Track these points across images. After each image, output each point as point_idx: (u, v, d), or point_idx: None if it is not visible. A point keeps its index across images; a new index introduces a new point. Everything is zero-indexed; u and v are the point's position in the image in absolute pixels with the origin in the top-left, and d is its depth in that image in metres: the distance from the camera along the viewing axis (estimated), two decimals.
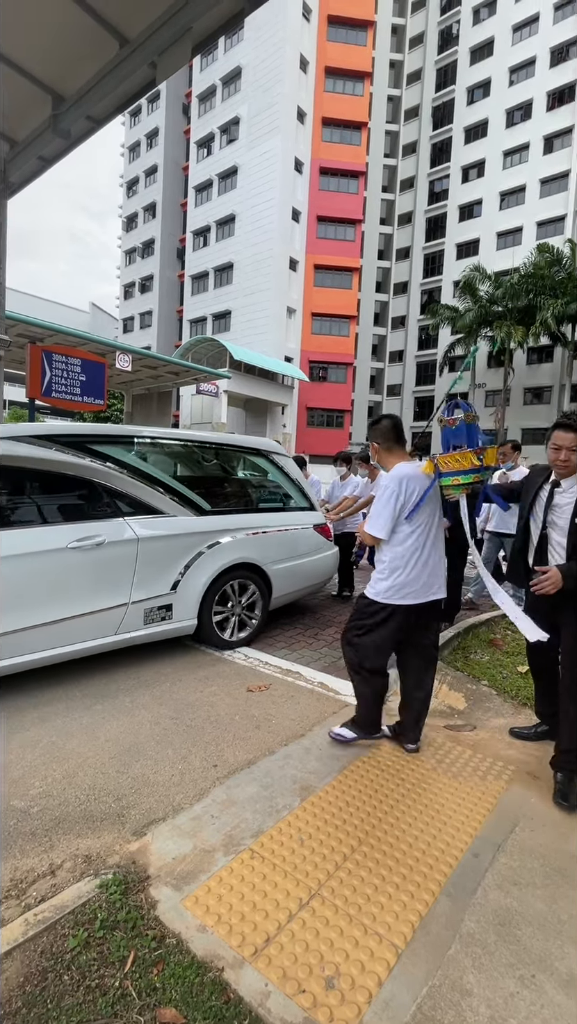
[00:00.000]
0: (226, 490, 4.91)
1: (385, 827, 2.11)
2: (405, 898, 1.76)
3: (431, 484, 2.59)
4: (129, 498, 3.63)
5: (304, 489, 5.22)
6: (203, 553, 3.90)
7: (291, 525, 4.81)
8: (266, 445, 5.13)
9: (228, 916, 1.65)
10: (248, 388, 28.75)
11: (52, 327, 16.67)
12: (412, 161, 44.94)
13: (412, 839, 2.05)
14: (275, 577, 4.46)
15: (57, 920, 1.58)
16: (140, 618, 3.57)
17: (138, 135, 44.80)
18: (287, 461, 5.15)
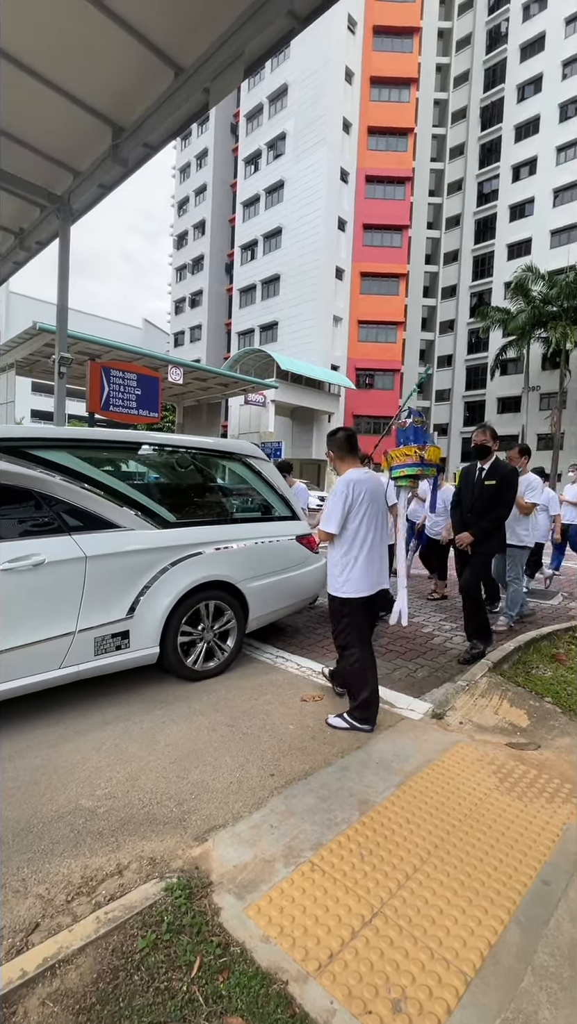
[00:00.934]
0: (194, 499, 4.35)
1: (448, 847, 2.05)
2: (472, 924, 1.69)
3: (377, 485, 3.15)
4: (77, 510, 3.17)
5: (286, 497, 4.71)
6: (166, 571, 3.42)
7: (270, 537, 4.30)
8: (241, 448, 4.59)
9: (290, 928, 1.64)
10: (295, 397, 28.99)
11: (108, 343, 17.47)
12: (460, 163, 44.25)
13: (477, 861, 1.98)
14: (252, 596, 3.95)
15: (126, 920, 1.63)
16: (89, 648, 3.08)
17: (188, 157, 46.47)
18: (266, 466, 4.63)
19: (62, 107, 6.34)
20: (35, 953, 1.51)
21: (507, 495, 4.03)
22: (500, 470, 4.08)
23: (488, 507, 4.03)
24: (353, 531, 3.00)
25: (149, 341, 50.77)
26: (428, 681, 3.81)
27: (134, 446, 4.02)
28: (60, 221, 8.33)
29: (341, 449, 3.24)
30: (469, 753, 2.78)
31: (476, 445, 4.14)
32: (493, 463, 4.12)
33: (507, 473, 4.07)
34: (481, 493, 4.09)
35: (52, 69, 5.87)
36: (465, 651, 4.21)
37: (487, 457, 4.14)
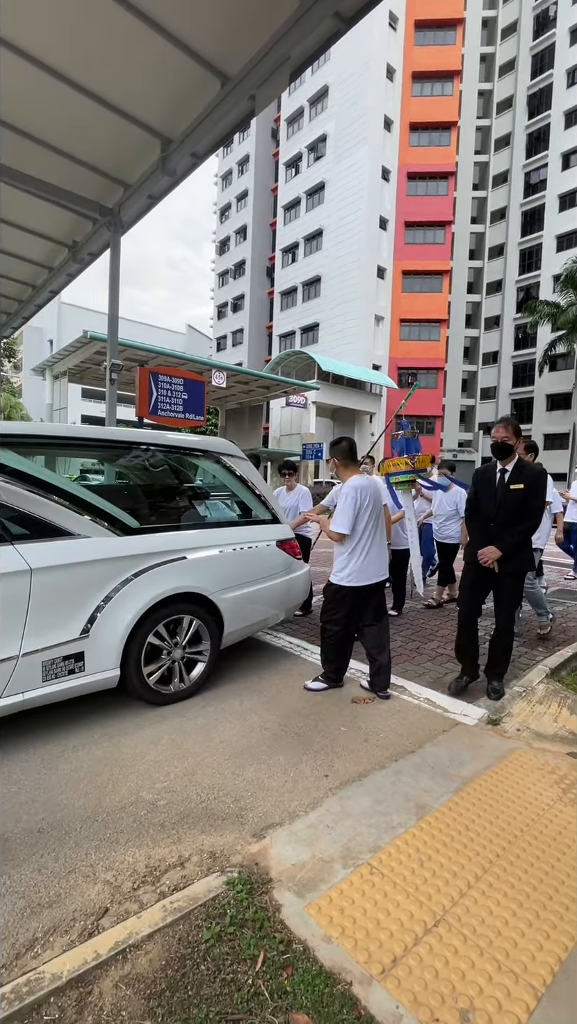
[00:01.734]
0: (162, 502, 4.01)
1: (511, 857, 1.99)
2: (540, 938, 1.64)
3: (376, 490, 3.54)
4: (22, 516, 2.79)
5: (266, 499, 4.28)
6: (129, 583, 3.03)
7: (248, 542, 3.89)
8: (215, 446, 4.14)
9: (352, 930, 1.64)
10: (336, 398, 28.90)
11: (155, 350, 17.96)
12: (505, 154, 42.99)
13: (542, 875, 1.91)
14: (227, 608, 3.56)
15: (191, 910, 1.67)
16: (37, 673, 2.71)
17: (230, 164, 47.20)
18: (244, 465, 4.20)
19: (114, 123, 6.57)
20: (107, 936, 1.57)
21: (536, 502, 3.41)
22: (528, 472, 3.43)
23: (516, 517, 3.40)
24: (360, 531, 3.40)
25: (192, 346, 51.88)
26: (482, 686, 3.71)
27: (89, 443, 3.58)
28: (111, 233, 8.64)
29: (345, 457, 3.57)
30: (528, 761, 2.70)
31: (496, 443, 3.45)
32: (518, 464, 3.46)
33: (536, 476, 3.42)
34: (506, 500, 3.41)
35: (105, 87, 6.10)
36: (489, 689, 3.55)
37: (509, 457, 3.46)
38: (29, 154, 7.09)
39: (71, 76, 5.91)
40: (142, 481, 4.13)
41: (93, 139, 6.98)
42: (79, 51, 5.62)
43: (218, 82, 5.85)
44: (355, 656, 4.24)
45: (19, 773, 2.48)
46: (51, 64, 5.73)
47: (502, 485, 3.45)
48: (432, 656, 4.32)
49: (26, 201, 8.18)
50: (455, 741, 2.89)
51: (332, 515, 3.60)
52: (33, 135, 6.80)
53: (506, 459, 3.47)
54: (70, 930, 1.62)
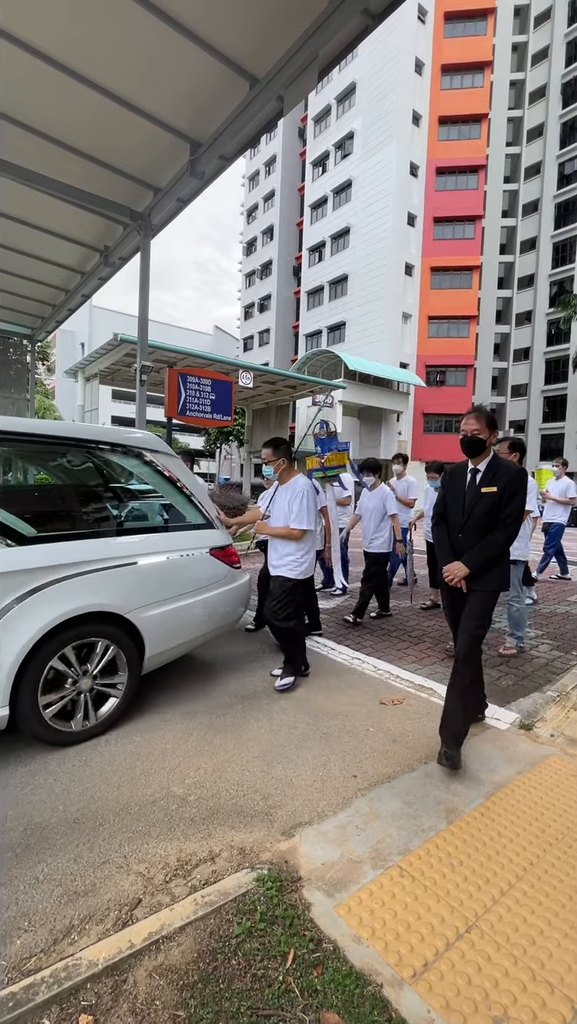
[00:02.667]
0: (68, 506, 3.54)
1: (545, 866, 1.94)
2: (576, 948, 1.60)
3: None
4: None
5: (198, 501, 3.71)
6: (22, 602, 2.53)
7: (175, 551, 3.35)
8: (137, 440, 3.55)
9: (382, 932, 1.63)
10: (362, 397, 28.72)
11: (183, 351, 18.18)
12: (538, 145, 41.92)
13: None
14: (148, 628, 3.04)
15: (222, 905, 1.69)
16: None
17: (257, 165, 47.39)
18: (172, 462, 3.65)
19: (145, 129, 6.68)
20: (141, 927, 1.60)
21: (511, 508, 2.79)
22: (503, 473, 2.82)
23: (487, 526, 2.81)
24: (315, 527, 3.67)
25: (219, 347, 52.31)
26: (514, 690, 3.64)
27: None
28: (141, 236, 8.79)
29: (289, 458, 3.76)
30: (562, 768, 2.63)
31: (464, 437, 2.87)
32: (492, 462, 2.89)
33: (513, 477, 2.80)
34: (477, 505, 2.83)
35: (136, 94, 6.21)
36: (439, 754, 2.61)
37: (481, 455, 2.90)
38: (63, 162, 7.27)
39: (103, 84, 6.03)
40: (46, 481, 3.53)
41: (124, 145, 7.11)
42: (111, 59, 5.74)
43: (247, 84, 5.88)
44: (371, 652, 4.22)
45: (55, 764, 2.55)
46: (83, 72, 5.86)
47: (472, 488, 2.87)
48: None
49: (60, 208, 8.40)
50: (486, 745, 2.84)
51: (267, 518, 3.79)
52: (66, 143, 6.97)
53: (478, 457, 2.91)
54: (105, 919, 1.66)
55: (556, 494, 7.59)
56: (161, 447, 3.64)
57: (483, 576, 2.82)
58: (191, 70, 5.79)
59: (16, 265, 10.70)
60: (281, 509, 3.65)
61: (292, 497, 3.57)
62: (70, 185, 7.76)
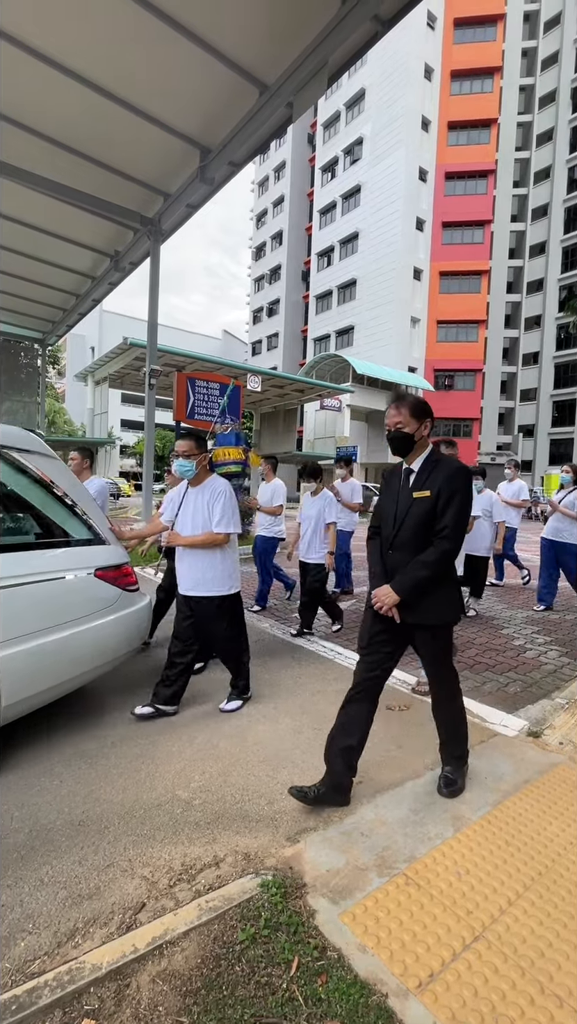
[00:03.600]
0: None
1: (553, 876, 1.92)
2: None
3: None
4: None
5: (83, 511, 3.11)
6: None
7: (47, 573, 2.74)
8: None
9: (388, 941, 1.61)
10: (370, 401, 28.70)
11: (191, 355, 18.29)
12: (548, 150, 41.84)
13: None
14: (9, 671, 2.44)
15: (226, 910, 1.68)
16: None
17: (266, 171, 47.68)
18: (48, 464, 3.03)
19: (155, 135, 6.75)
20: (145, 931, 1.60)
21: (450, 516, 2.19)
22: (439, 473, 2.26)
23: (422, 537, 2.24)
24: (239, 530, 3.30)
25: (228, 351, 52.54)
26: (522, 697, 3.60)
27: None
28: (151, 242, 8.87)
29: (207, 455, 3.32)
30: (571, 777, 2.59)
31: (388, 431, 2.36)
32: (429, 459, 2.32)
33: (450, 476, 2.24)
34: (409, 513, 2.28)
35: (147, 101, 6.28)
36: (439, 780, 2.47)
37: (413, 452, 2.34)
38: (74, 168, 7.36)
39: (115, 92, 6.10)
40: None
41: (135, 151, 7.19)
42: (122, 67, 5.81)
43: (256, 91, 5.93)
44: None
45: (61, 767, 2.56)
46: (95, 79, 5.94)
47: (405, 492, 2.33)
48: (470, 664, 4.22)
49: (71, 213, 8.50)
50: (494, 752, 2.81)
51: (174, 527, 3.23)
52: (78, 149, 7.06)
53: (410, 455, 2.35)
54: (109, 923, 1.66)
55: (508, 496, 7.15)
56: (33, 445, 2.98)
57: (418, 606, 2.24)
58: (201, 77, 5.85)
59: (28, 270, 10.84)
60: (197, 513, 3.13)
61: (212, 498, 3.08)
62: (81, 191, 7.86)
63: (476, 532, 5.66)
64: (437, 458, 2.35)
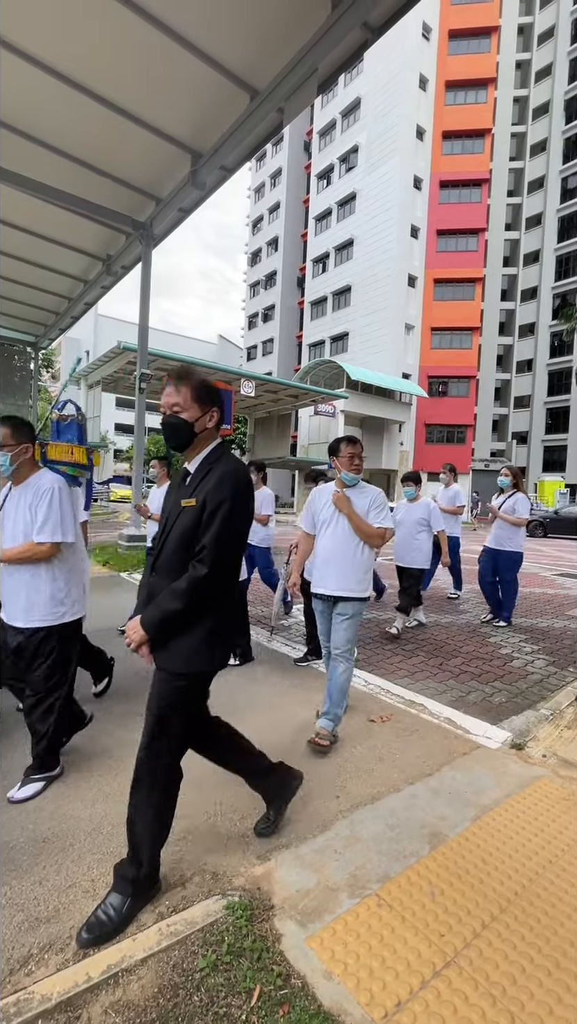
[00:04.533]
0: None
1: (530, 897, 1.86)
2: (559, 990, 1.51)
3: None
4: None
5: None
6: None
7: None
8: None
9: (355, 967, 1.55)
10: (364, 407, 28.75)
11: (185, 360, 18.24)
12: (541, 160, 42.32)
13: (564, 917, 1.78)
14: None
15: (188, 935, 1.61)
16: None
17: (262, 177, 47.93)
18: None
19: (146, 140, 6.74)
20: (100, 958, 1.53)
21: (212, 533, 1.69)
22: (213, 474, 1.78)
23: (182, 557, 1.75)
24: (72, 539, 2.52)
25: (224, 356, 52.59)
26: (506, 707, 3.55)
27: None
28: (143, 246, 8.84)
29: (34, 445, 2.71)
30: (554, 791, 2.54)
31: (164, 417, 1.83)
32: (208, 458, 1.84)
33: (221, 480, 1.75)
34: (173, 526, 1.80)
35: (138, 105, 6.26)
36: None
37: (194, 446, 1.84)
38: (66, 172, 7.33)
39: (107, 96, 6.09)
40: None
41: (127, 156, 7.17)
42: (114, 72, 5.79)
43: (247, 96, 5.93)
44: (362, 666, 4.13)
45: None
46: (86, 84, 5.92)
47: (176, 499, 1.85)
48: (455, 673, 4.17)
49: (64, 218, 8.47)
50: (475, 765, 2.76)
51: None
52: (70, 153, 7.03)
53: (189, 450, 1.85)
54: (65, 948, 1.59)
55: (444, 503, 6.70)
56: None
57: (164, 648, 1.76)
58: (192, 82, 5.84)
59: (20, 273, 10.79)
60: (19, 519, 2.41)
61: (35, 500, 2.41)
62: (73, 195, 7.83)
63: (408, 544, 5.28)
64: (217, 457, 1.83)
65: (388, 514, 3.06)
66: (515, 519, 5.40)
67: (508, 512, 5.43)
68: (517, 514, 5.42)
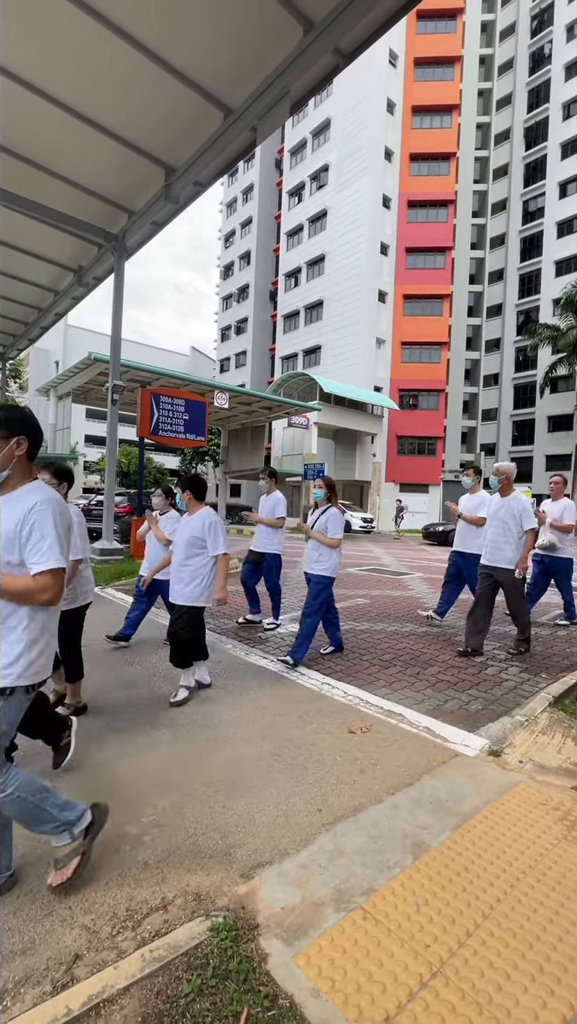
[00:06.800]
0: None
1: (512, 902, 1.88)
2: (544, 995, 1.53)
3: None
4: None
5: None
6: None
7: None
8: None
9: (343, 983, 1.54)
10: (337, 419, 29.06)
11: (158, 371, 18.13)
12: (504, 184, 44.09)
13: (545, 921, 1.81)
14: None
15: (172, 960, 1.57)
16: None
17: (235, 192, 48.42)
18: None
19: (119, 153, 6.75)
20: (80, 989, 1.47)
21: None
22: None
23: None
24: None
25: (196, 368, 52.49)
26: (483, 715, 3.61)
27: None
28: (115, 258, 8.81)
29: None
30: (531, 796, 2.59)
31: None
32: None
33: None
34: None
35: (110, 118, 6.28)
36: None
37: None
38: (37, 182, 7.27)
39: (77, 107, 6.08)
40: None
41: (98, 168, 7.16)
42: (85, 84, 5.80)
43: (221, 114, 6.02)
44: (341, 677, 4.15)
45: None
46: (57, 96, 5.91)
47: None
48: (432, 682, 4.22)
49: (33, 227, 8.37)
50: (455, 773, 2.79)
51: None
52: (40, 164, 6.98)
53: None
54: (43, 981, 1.52)
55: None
56: None
57: None
58: (167, 98, 5.90)
59: None
60: None
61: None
62: (44, 206, 7.76)
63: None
64: None
65: None
66: (328, 540, 4.57)
67: (321, 530, 4.58)
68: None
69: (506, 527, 4.92)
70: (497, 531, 4.98)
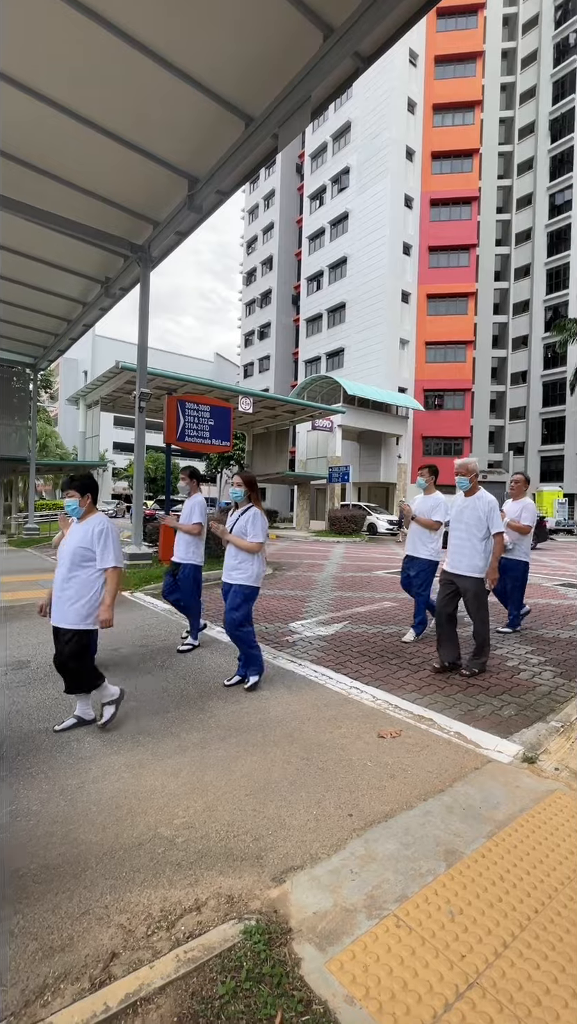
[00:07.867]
0: None
1: (550, 915, 1.83)
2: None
3: None
4: None
5: None
6: None
7: None
8: None
9: (376, 991, 1.52)
10: (361, 421, 28.92)
11: (183, 378, 18.40)
12: (529, 178, 43.27)
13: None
14: None
15: (206, 961, 1.58)
16: None
17: (256, 199, 48.85)
18: None
19: (144, 166, 6.90)
20: (118, 987, 1.50)
21: None
22: None
23: None
24: None
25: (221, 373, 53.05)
26: (516, 720, 3.53)
27: None
28: (141, 268, 8.99)
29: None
30: (569, 804, 2.52)
31: None
32: None
33: None
34: None
35: (135, 133, 6.43)
36: None
37: None
38: (65, 198, 7.49)
39: (102, 123, 6.25)
40: None
41: (124, 181, 7.34)
42: (110, 101, 5.96)
43: (242, 123, 6.09)
44: (370, 681, 4.11)
45: (38, 805, 2.45)
46: (82, 113, 6.08)
47: None
48: (463, 687, 4.15)
49: (62, 242, 8.63)
50: (488, 780, 2.73)
51: None
52: (68, 180, 7.19)
53: None
54: (81, 977, 1.56)
55: None
56: None
57: None
58: (189, 111, 6.01)
59: (20, 296, 10.94)
60: None
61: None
62: (72, 220, 7.98)
63: None
64: None
65: None
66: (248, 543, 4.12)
67: (240, 534, 4.20)
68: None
69: (470, 530, 4.40)
70: (460, 535, 4.45)
